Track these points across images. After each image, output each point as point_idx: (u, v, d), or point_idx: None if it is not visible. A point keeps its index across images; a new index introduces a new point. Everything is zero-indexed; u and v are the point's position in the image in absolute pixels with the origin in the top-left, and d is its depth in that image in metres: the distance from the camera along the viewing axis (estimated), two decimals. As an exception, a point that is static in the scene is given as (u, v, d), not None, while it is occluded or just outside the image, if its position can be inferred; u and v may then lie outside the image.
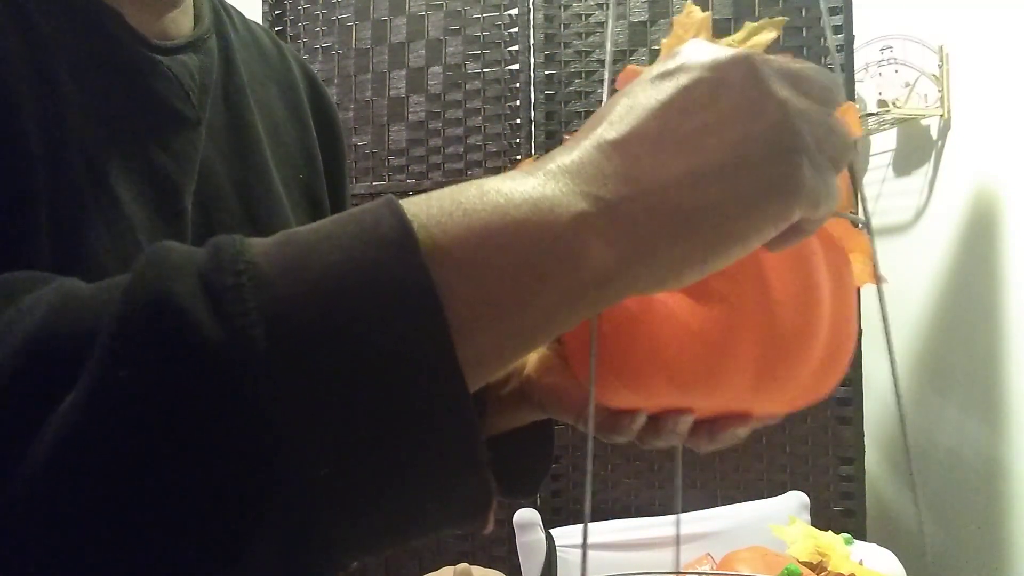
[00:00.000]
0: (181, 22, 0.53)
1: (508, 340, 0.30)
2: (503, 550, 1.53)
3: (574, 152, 0.31)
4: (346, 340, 0.26)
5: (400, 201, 0.29)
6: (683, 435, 0.43)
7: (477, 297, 0.29)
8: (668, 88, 0.32)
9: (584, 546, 0.34)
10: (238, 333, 0.26)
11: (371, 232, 0.28)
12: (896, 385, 0.40)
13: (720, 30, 0.44)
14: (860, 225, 0.42)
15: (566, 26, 1.54)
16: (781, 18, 0.41)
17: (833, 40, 0.84)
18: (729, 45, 0.41)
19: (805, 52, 1.46)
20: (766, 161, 0.30)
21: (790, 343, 0.40)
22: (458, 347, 0.27)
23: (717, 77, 0.31)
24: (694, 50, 0.33)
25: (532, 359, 0.53)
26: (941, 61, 1.64)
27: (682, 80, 0.32)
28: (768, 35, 0.41)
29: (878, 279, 0.42)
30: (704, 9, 0.42)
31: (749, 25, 0.41)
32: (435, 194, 0.30)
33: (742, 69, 0.31)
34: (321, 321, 0.26)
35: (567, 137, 0.42)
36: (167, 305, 0.26)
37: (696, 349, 0.39)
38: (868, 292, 0.45)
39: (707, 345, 0.39)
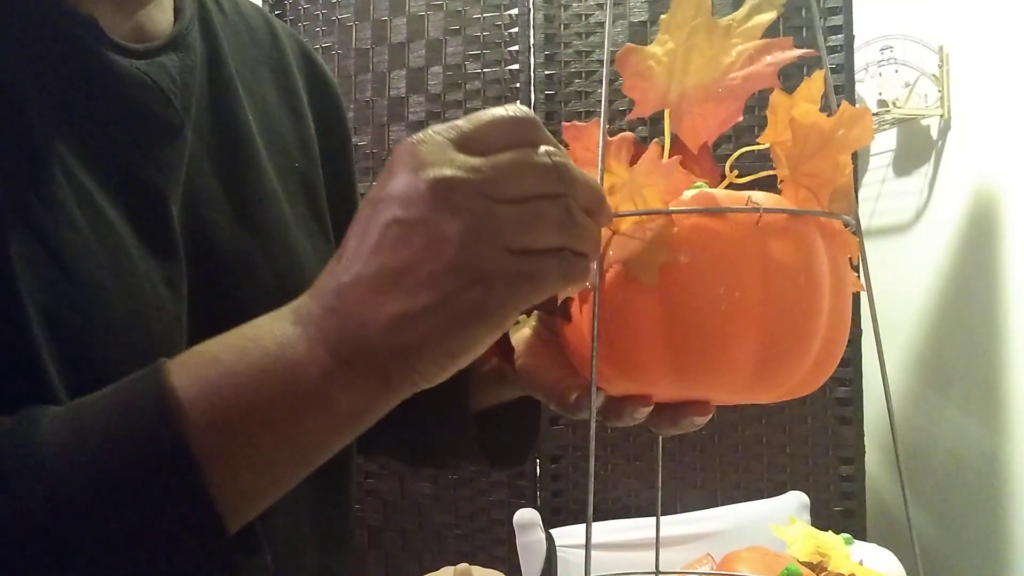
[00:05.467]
0: (159, 18, 0.51)
1: (273, 473, 0.37)
2: (503, 550, 1.53)
3: (322, 296, 0.37)
4: (114, 508, 0.33)
5: (169, 370, 0.36)
6: (640, 420, 0.44)
7: (235, 450, 0.35)
8: (378, 225, 0.35)
9: (587, 544, 0.34)
10: (20, 512, 0.33)
11: (136, 411, 0.35)
12: (885, 385, 0.40)
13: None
14: (850, 227, 0.42)
15: (566, 26, 1.54)
16: None
17: (822, 42, 0.84)
18: (729, 23, 0.41)
19: (805, 52, 1.46)
20: (458, 294, 0.34)
21: (791, 338, 0.40)
22: (222, 489, 0.34)
23: (405, 216, 0.35)
24: (395, 182, 0.35)
25: (514, 339, 0.53)
26: (941, 61, 1.64)
27: (385, 217, 0.35)
28: (768, 15, 0.41)
29: (867, 280, 0.42)
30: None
31: (750, 3, 0.41)
32: (203, 355, 0.37)
33: (423, 201, 0.34)
34: (93, 494, 0.33)
35: (565, 125, 0.42)
36: None
37: (699, 342, 0.39)
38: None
39: (710, 339, 0.39)
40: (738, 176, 0.45)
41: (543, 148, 0.36)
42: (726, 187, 0.44)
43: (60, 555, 0.33)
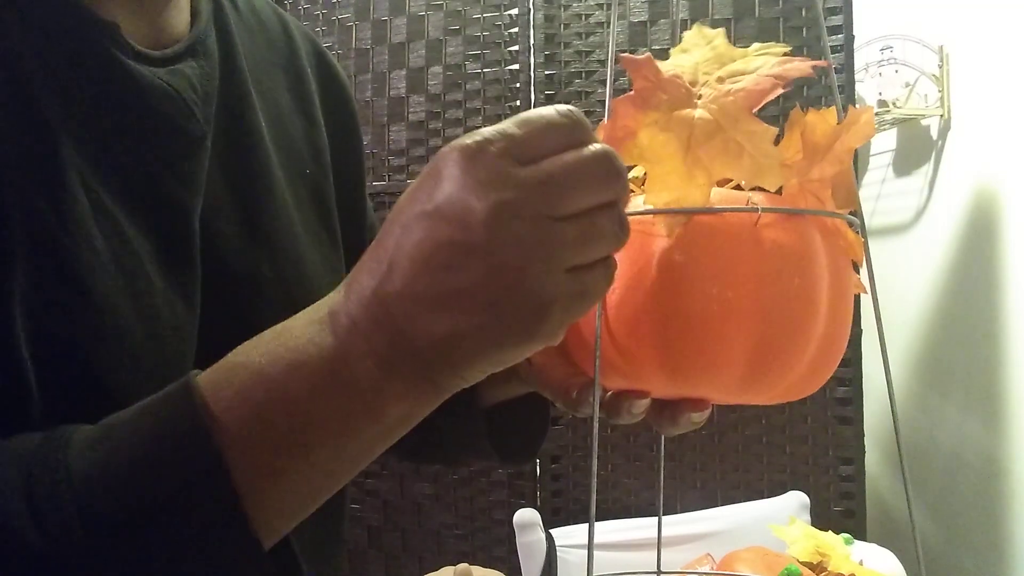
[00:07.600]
0: (177, 20, 0.50)
1: (317, 486, 0.37)
2: (503, 550, 1.53)
3: (364, 304, 0.35)
4: (149, 531, 0.33)
5: (200, 384, 0.35)
6: (639, 416, 0.45)
7: (281, 467, 0.35)
8: (432, 242, 0.34)
9: (590, 544, 0.34)
10: (53, 536, 0.32)
11: (169, 430, 0.35)
12: (889, 386, 0.40)
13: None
14: (855, 227, 0.42)
15: (566, 26, 1.54)
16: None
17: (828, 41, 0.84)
18: (744, 53, 0.41)
19: (805, 52, 1.46)
20: (515, 317, 0.34)
21: (784, 341, 0.40)
22: (261, 510, 0.34)
23: (464, 240, 0.33)
24: (450, 197, 0.34)
25: None
26: (941, 61, 1.64)
27: (439, 235, 0.34)
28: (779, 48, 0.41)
29: (871, 281, 0.42)
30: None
31: (755, 45, 0.42)
32: (247, 368, 0.36)
33: (483, 226, 0.33)
34: (127, 517, 0.33)
35: (623, 56, 0.42)
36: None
37: (690, 341, 0.39)
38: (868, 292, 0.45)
39: (702, 338, 0.39)
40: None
41: (594, 149, 0.35)
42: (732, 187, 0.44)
43: None
